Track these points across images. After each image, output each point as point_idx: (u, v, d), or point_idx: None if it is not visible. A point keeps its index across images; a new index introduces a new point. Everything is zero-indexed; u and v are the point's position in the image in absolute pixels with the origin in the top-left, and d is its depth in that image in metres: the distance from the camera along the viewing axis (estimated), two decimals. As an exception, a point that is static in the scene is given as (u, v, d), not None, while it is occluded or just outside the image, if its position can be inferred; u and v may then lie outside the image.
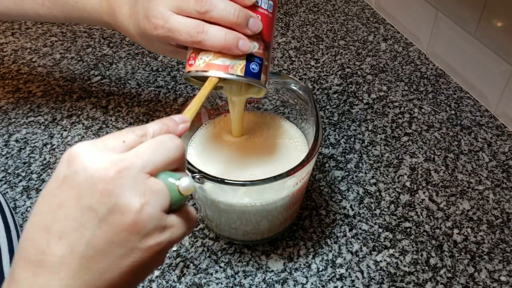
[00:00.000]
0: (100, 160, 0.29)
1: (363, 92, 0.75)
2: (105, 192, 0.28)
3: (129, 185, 0.29)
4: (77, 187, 0.29)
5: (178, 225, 0.31)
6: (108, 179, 0.28)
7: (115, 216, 0.28)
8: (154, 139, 0.31)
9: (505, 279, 0.51)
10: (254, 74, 0.42)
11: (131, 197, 0.29)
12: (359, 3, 0.96)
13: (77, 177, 0.29)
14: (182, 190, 0.31)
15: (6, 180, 0.61)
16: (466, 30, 0.70)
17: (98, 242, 0.28)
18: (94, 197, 0.28)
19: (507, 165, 0.63)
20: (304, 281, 0.51)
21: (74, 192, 0.29)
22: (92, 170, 0.29)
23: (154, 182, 0.30)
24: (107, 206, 0.28)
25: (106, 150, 0.30)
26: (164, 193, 0.30)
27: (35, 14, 0.55)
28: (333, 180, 0.61)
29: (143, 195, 0.29)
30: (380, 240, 0.55)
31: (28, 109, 0.71)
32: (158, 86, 0.75)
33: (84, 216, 0.28)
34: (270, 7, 0.44)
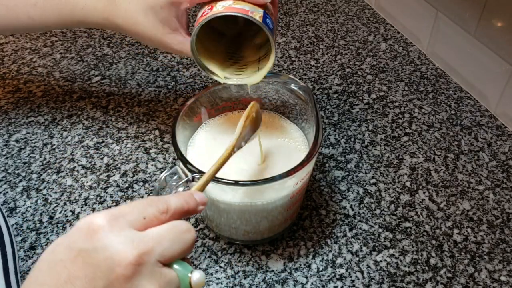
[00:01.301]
0: (121, 241, 0.28)
1: (363, 92, 0.75)
2: (122, 278, 0.28)
3: (147, 274, 0.28)
4: (94, 266, 0.27)
5: None
6: (128, 265, 0.28)
7: None
8: (174, 227, 0.31)
9: (505, 279, 0.51)
10: (270, 28, 0.44)
11: (147, 285, 0.28)
12: (359, 3, 0.96)
13: (95, 255, 0.28)
14: (193, 284, 0.32)
15: (6, 180, 0.61)
16: (466, 30, 0.70)
17: None
18: (110, 281, 0.27)
19: (507, 165, 0.63)
20: (304, 281, 0.51)
21: (90, 271, 0.27)
22: (113, 251, 0.28)
23: (168, 271, 0.30)
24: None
25: (127, 227, 0.29)
26: (175, 283, 0.30)
27: (27, 19, 0.54)
28: (333, 180, 0.61)
29: (157, 285, 0.29)
30: (380, 240, 0.55)
31: (28, 109, 0.71)
32: (158, 86, 0.75)
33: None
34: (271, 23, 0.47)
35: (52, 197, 0.59)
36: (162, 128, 0.68)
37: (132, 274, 0.28)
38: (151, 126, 0.68)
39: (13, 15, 0.55)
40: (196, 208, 0.34)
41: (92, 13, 0.51)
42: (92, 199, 0.59)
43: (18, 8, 0.54)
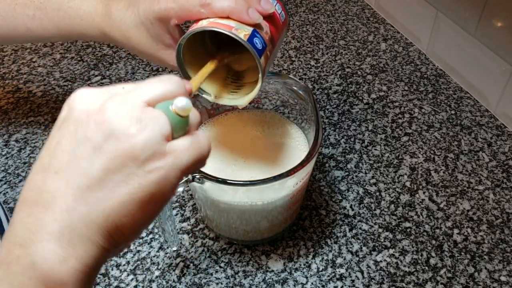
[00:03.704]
0: (96, 96, 0.29)
1: (363, 92, 0.75)
2: (99, 120, 0.28)
3: (125, 112, 0.28)
4: (73, 122, 0.28)
5: (182, 150, 0.29)
6: (103, 109, 0.28)
7: (110, 142, 0.27)
8: (152, 78, 0.31)
9: (505, 279, 0.51)
10: (257, 48, 0.41)
11: (126, 123, 0.28)
12: (359, 3, 0.96)
13: (74, 113, 0.29)
14: (179, 111, 0.29)
15: (6, 180, 0.61)
16: (466, 30, 0.71)
17: (93, 171, 0.27)
18: (89, 128, 0.28)
19: (507, 165, 0.63)
20: (304, 281, 0.51)
21: (71, 128, 0.28)
22: (89, 104, 0.28)
23: (151, 110, 0.29)
24: (102, 134, 0.28)
25: (105, 91, 0.30)
26: (161, 119, 0.29)
27: (25, 30, 0.54)
28: (333, 180, 0.61)
29: (139, 121, 0.28)
30: (380, 240, 0.55)
31: (28, 109, 0.71)
32: (158, 86, 0.75)
33: (79, 148, 0.28)
34: (282, 16, 0.45)
35: (52, 197, 0.59)
36: (162, 128, 0.68)
37: (108, 116, 0.28)
38: (151, 126, 0.68)
39: (11, 26, 0.54)
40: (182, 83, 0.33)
41: (90, 27, 0.51)
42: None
43: (16, 19, 0.53)
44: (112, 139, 0.27)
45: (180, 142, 0.30)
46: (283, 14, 0.46)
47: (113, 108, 0.28)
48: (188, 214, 0.57)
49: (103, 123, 0.28)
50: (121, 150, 0.27)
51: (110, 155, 0.27)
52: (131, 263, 0.52)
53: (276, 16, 0.45)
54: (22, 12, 0.53)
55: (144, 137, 0.28)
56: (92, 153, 0.27)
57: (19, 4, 0.53)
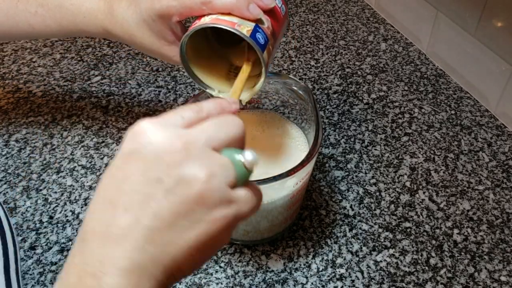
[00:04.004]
0: (164, 134, 0.29)
1: (363, 92, 0.75)
2: (172, 164, 0.28)
3: (196, 157, 0.29)
4: (143, 160, 0.29)
5: (245, 200, 0.31)
6: (174, 151, 0.29)
7: (182, 187, 0.28)
8: (217, 117, 0.32)
9: (505, 279, 0.51)
10: (259, 43, 0.42)
11: (197, 169, 0.28)
12: (359, 3, 0.96)
13: (143, 150, 0.29)
14: (247, 165, 0.31)
15: (6, 180, 0.61)
16: (466, 30, 0.70)
17: (164, 214, 0.28)
18: (160, 169, 0.28)
19: (507, 165, 0.63)
20: (304, 281, 0.51)
21: (140, 165, 0.29)
22: (158, 143, 0.29)
23: (219, 156, 0.30)
24: (174, 178, 0.28)
25: (169, 126, 0.30)
26: (229, 167, 0.30)
27: (27, 27, 0.54)
28: (333, 180, 0.61)
29: (209, 167, 0.29)
30: (380, 240, 0.55)
31: (28, 109, 0.71)
32: (158, 86, 0.75)
33: (150, 188, 0.28)
34: (283, 10, 0.46)
35: (52, 197, 0.59)
36: (162, 128, 0.68)
37: (180, 159, 0.29)
38: (151, 126, 0.68)
39: (13, 23, 0.54)
40: (230, 106, 0.34)
41: (93, 24, 0.51)
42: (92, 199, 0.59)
43: (18, 16, 0.54)
44: (183, 184, 0.28)
45: (243, 193, 0.31)
46: (283, 8, 0.46)
47: (184, 152, 0.29)
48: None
49: (176, 167, 0.28)
50: (191, 196, 0.28)
51: (180, 199, 0.28)
52: (131, 263, 0.52)
53: (277, 9, 0.45)
54: (24, 9, 0.53)
55: (213, 184, 0.29)
56: (163, 195, 0.28)
57: (21, 1, 0.53)
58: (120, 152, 0.30)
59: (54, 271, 0.52)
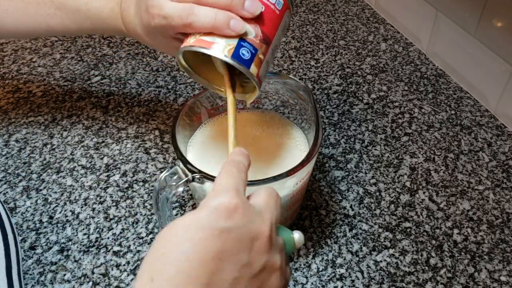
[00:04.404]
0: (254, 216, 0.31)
1: (363, 92, 0.75)
2: (262, 249, 0.30)
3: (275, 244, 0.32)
4: (238, 241, 0.29)
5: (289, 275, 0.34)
6: (265, 238, 0.31)
7: (265, 272, 0.30)
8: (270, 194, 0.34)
9: (505, 279, 0.51)
10: (243, 60, 0.40)
11: (276, 255, 0.31)
12: (359, 3, 0.96)
13: (238, 231, 0.29)
14: (297, 244, 0.34)
15: (6, 180, 0.61)
16: (466, 30, 0.71)
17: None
18: (252, 253, 0.30)
19: (507, 165, 0.63)
20: (304, 281, 0.51)
21: (235, 245, 0.29)
22: (251, 226, 0.30)
23: (279, 238, 0.33)
24: (261, 263, 0.30)
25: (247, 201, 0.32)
26: (284, 247, 0.33)
27: (47, 27, 0.55)
28: (333, 180, 0.61)
29: (280, 252, 0.32)
30: (380, 240, 0.55)
31: (28, 109, 0.71)
32: (158, 86, 0.75)
33: (241, 271, 0.29)
34: (279, 4, 0.43)
35: (52, 197, 0.59)
36: (162, 128, 0.68)
37: (268, 247, 0.31)
38: (151, 126, 0.68)
39: (33, 23, 0.55)
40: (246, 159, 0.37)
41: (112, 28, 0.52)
42: (92, 199, 0.59)
43: (38, 17, 0.54)
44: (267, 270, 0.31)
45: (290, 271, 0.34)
46: (280, 1, 0.43)
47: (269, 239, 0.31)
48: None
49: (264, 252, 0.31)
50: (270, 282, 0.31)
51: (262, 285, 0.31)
52: (131, 263, 0.52)
53: (268, 10, 0.42)
54: (43, 10, 0.54)
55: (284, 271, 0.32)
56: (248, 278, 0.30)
57: (40, 3, 0.54)
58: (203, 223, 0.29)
59: (54, 271, 0.52)
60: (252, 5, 0.40)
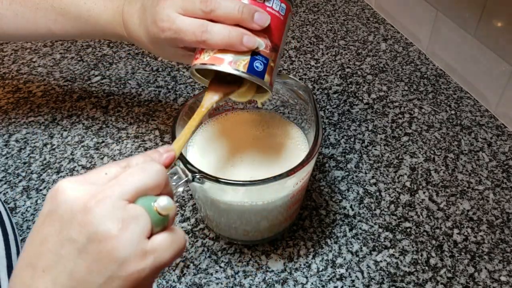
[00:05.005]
0: (81, 192, 0.30)
1: (363, 92, 0.75)
2: (83, 222, 0.29)
3: (107, 212, 0.29)
4: (58, 220, 0.29)
5: (162, 249, 0.31)
6: (86, 209, 0.29)
7: (93, 244, 0.28)
8: (133, 167, 0.32)
9: (505, 279, 0.51)
10: (258, 72, 0.42)
11: (108, 224, 0.29)
12: (359, 3, 0.96)
13: (58, 210, 0.29)
14: (160, 210, 0.30)
15: (6, 180, 0.61)
16: (466, 30, 0.71)
17: (78, 273, 0.29)
18: (73, 229, 0.29)
19: (507, 165, 0.63)
20: (304, 281, 0.51)
21: (56, 226, 0.29)
22: (72, 201, 0.29)
23: (132, 207, 0.30)
24: (86, 236, 0.28)
25: (88, 183, 0.30)
26: (143, 217, 0.30)
27: (47, 31, 0.55)
28: (333, 180, 0.61)
29: (121, 221, 0.29)
30: (380, 240, 0.55)
31: (28, 109, 0.71)
32: (158, 86, 0.75)
33: (65, 248, 0.29)
34: (282, 9, 0.44)
35: (52, 197, 0.59)
36: (162, 128, 0.68)
37: (91, 217, 0.29)
38: (151, 126, 0.68)
39: (33, 28, 0.55)
40: (161, 157, 0.35)
41: (112, 34, 0.52)
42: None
43: (38, 22, 0.54)
44: (94, 241, 0.28)
45: (160, 240, 0.31)
46: (283, 6, 0.44)
47: (96, 209, 0.29)
48: (188, 214, 0.57)
49: (87, 224, 0.29)
50: (103, 253, 0.29)
51: (93, 257, 0.29)
52: (131, 263, 0.52)
53: (274, 17, 0.43)
54: (44, 15, 0.54)
55: (125, 239, 0.29)
56: (76, 254, 0.29)
57: (41, 8, 0.53)
58: (40, 213, 0.31)
59: (54, 271, 0.52)
60: (261, 18, 0.41)
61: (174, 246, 0.31)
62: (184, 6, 0.42)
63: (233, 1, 0.41)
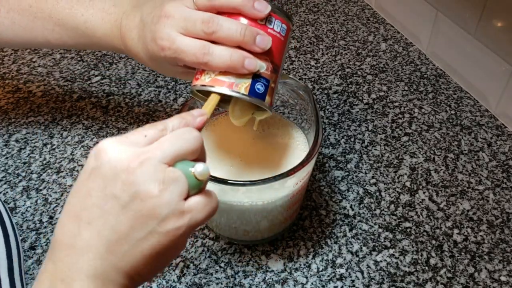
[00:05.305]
0: (123, 153, 0.32)
1: (363, 92, 0.75)
2: (127, 181, 0.31)
3: (149, 174, 0.31)
4: (102, 177, 0.31)
5: (197, 209, 0.33)
6: (130, 170, 0.31)
7: (135, 202, 0.31)
8: (173, 132, 0.34)
9: (505, 279, 0.51)
10: (259, 94, 0.42)
11: (150, 185, 0.31)
12: (359, 3, 0.96)
13: (102, 168, 0.31)
14: (197, 175, 0.33)
15: (6, 180, 0.61)
16: (466, 30, 0.71)
17: (120, 227, 0.31)
18: (117, 186, 0.31)
19: (507, 165, 0.63)
20: (304, 281, 0.51)
21: (100, 182, 0.31)
22: (116, 161, 0.31)
23: (172, 170, 0.32)
24: (129, 194, 0.31)
25: (130, 144, 0.32)
26: (181, 180, 0.32)
27: (45, 41, 0.55)
28: (333, 180, 0.61)
29: (161, 183, 0.31)
30: (380, 240, 0.55)
31: (28, 109, 0.71)
32: (158, 86, 0.75)
33: (108, 204, 0.31)
34: (283, 30, 0.44)
35: (52, 197, 0.59)
36: (162, 128, 0.68)
37: (134, 177, 0.31)
38: (151, 126, 0.68)
39: (30, 37, 0.55)
40: (194, 120, 0.36)
41: (110, 46, 0.52)
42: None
43: (35, 31, 0.54)
44: (137, 199, 0.31)
45: (195, 202, 0.33)
46: (284, 27, 0.44)
47: (138, 170, 0.31)
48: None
49: (130, 184, 0.31)
50: (144, 211, 0.31)
51: (135, 214, 0.31)
52: (131, 263, 0.52)
53: (275, 39, 0.43)
54: (41, 25, 0.53)
55: (164, 199, 0.31)
56: (119, 210, 0.31)
57: (38, 18, 0.53)
58: (84, 169, 0.33)
59: (54, 271, 0.52)
60: (263, 41, 0.41)
61: (207, 208, 0.34)
62: (185, 26, 0.41)
63: (234, 23, 0.41)
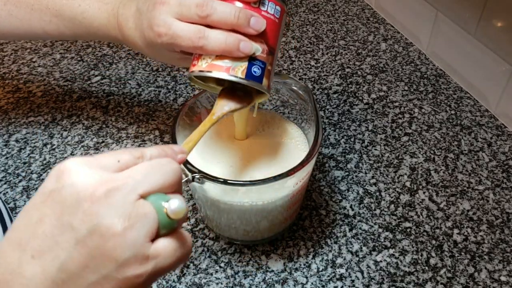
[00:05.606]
0: (90, 177, 0.27)
1: (363, 92, 0.75)
2: (88, 212, 0.26)
3: (115, 206, 0.27)
4: (61, 202, 0.27)
5: (164, 255, 0.28)
6: (94, 198, 0.27)
7: (94, 238, 0.26)
8: (151, 161, 0.30)
9: (505, 279, 0.51)
10: (256, 77, 0.42)
11: (114, 219, 0.26)
12: (359, 3, 0.96)
13: (63, 192, 0.27)
14: (170, 213, 0.28)
15: (6, 180, 0.61)
16: (466, 30, 0.70)
17: (71, 265, 0.26)
18: (76, 216, 0.26)
19: (507, 165, 0.63)
20: (304, 281, 0.51)
21: (57, 208, 0.27)
22: (80, 186, 0.27)
23: (142, 204, 0.28)
24: (88, 226, 0.26)
25: (99, 168, 0.28)
26: (150, 217, 0.28)
27: (42, 32, 0.55)
28: (333, 180, 0.61)
29: (127, 218, 0.27)
30: (380, 240, 0.55)
31: (28, 109, 0.71)
32: (158, 86, 0.75)
33: (62, 235, 0.27)
34: (277, 12, 0.44)
35: (52, 197, 0.59)
36: (162, 128, 0.68)
37: (98, 208, 0.26)
38: (151, 126, 0.68)
39: (27, 28, 0.55)
40: (175, 156, 0.32)
41: (107, 36, 0.52)
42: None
43: (33, 22, 0.54)
44: (95, 234, 0.26)
45: (164, 246, 0.28)
46: (278, 8, 0.44)
47: (104, 200, 0.27)
48: (188, 214, 0.57)
49: (91, 214, 0.27)
50: (102, 249, 0.26)
51: (90, 251, 0.26)
52: (131, 263, 0.52)
53: (269, 21, 0.43)
54: (38, 17, 0.54)
55: (128, 239, 0.27)
56: (73, 244, 0.26)
57: (36, 9, 0.53)
58: (41, 190, 0.28)
59: (54, 271, 0.52)
60: (257, 23, 0.41)
61: (177, 254, 0.29)
62: (180, 11, 0.42)
63: (229, 6, 0.41)
